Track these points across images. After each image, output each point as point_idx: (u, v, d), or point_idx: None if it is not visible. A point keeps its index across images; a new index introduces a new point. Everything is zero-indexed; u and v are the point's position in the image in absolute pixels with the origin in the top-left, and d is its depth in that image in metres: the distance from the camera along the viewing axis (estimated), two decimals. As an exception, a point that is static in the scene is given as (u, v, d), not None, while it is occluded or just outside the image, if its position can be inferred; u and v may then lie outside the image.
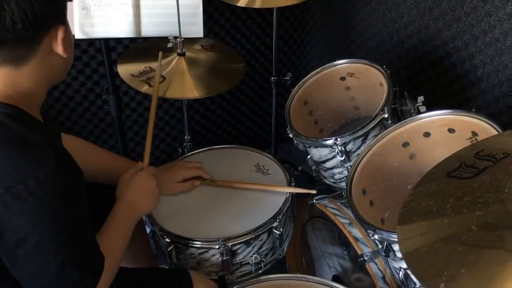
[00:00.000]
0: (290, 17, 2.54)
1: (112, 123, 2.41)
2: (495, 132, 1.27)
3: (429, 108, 1.52)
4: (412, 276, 1.26)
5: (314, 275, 1.89)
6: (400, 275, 1.28)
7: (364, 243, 1.46)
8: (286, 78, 2.12)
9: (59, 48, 1.10)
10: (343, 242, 1.78)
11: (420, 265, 0.88)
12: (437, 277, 0.83)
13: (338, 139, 1.50)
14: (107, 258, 1.17)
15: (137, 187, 1.40)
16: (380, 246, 1.23)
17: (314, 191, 1.56)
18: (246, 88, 2.59)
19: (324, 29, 2.50)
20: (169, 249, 1.48)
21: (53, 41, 1.10)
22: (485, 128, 1.29)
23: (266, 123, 2.77)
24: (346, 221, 1.52)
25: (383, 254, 1.25)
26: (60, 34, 1.10)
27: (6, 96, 1.08)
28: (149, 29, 1.82)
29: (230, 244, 1.45)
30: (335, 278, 1.76)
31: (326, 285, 1.33)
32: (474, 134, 1.33)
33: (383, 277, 1.42)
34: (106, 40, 1.94)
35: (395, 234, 1.20)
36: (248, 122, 2.74)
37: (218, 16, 2.35)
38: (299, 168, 2.55)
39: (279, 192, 1.57)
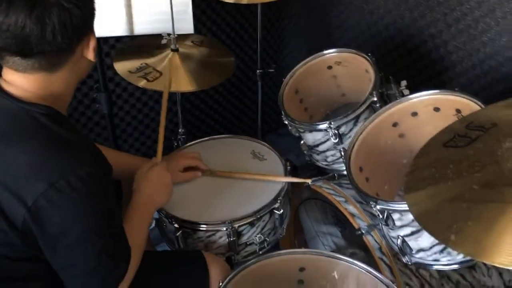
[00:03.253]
0: (267, 12, 2.63)
1: (99, 121, 2.46)
2: (478, 108, 1.40)
3: (412, 91, 1.66)
4: (409, 242, 1.38)
5: (308, 254, 2.01)
6: (397, 243, 1.40)
7: (360, 218, 1.57)
8: (270, 70, 2.21)
9: (90, 55, 1.18)
10: (336, 220, 1.89)
11: (430, 222, 0.99)
12: (447, 231, 0.94)
13: (332, 123, 1.61)
14: (132, 247, 1.24)
15: (153, 181, 1.47)
16: (381, 217, 1.34)
17: (309, 181, 1.67)
18: (234, 79, 2.68)
19: (302, 21, 2.61)
20: (177, 234, 1.55)
21: (85, 48, 1.16)
22: (469, 105, 1.42)
23: (252, 114, 2.86)
24: (342, 199, 1.62)
25: (383, 223, 1.36)
26: (92, 43, 1.17)
27: (42, 98, 1.14)
28: (141, 27, 1.88)
29: (236, 225, 1.53)
30: (331, 255, 1.88)
31: (337, 259, 1.41)
32: (458, 111, 1.45)
33: (380, 248, 1.53)
34: (99, 43, 1.99)
35: (395, 204, 1.31)
36: (237, 113, 2.83)
37: (200, 12, 2.42)
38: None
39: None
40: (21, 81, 1.13)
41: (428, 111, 1.51)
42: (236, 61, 2.22)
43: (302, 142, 1.80)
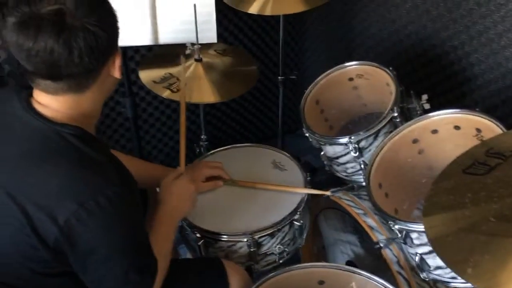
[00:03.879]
0: (289, 17, 2.64)
1: (123, 123, 2.52)
2: (498, 129, 1.41)
3: (431, 104, 1.67)
4: (427, 260, 1.41)
5: (327, 261, 2.04)
6: (416, 259, 1.42)
7: (378, 231, 1.59)
8: (292, 77, 2.24)
9: (116, 73, 1.21)
10: (355, 229, 1.92)
11: (447, 253, 1.01)
12: (464, 263, 0.96)
13: (352, 137, 1.63)
14: (158, 259, 1.28)
15: (178, 192, 1.51)
16: (399, 235, 1.37)
17: (328, 193, 1.70)
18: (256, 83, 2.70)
19: (324, 27, 2.62)
20: (199, 243, 1.59)
21: (111, 67, 1.20)
22: (488, 125, 1.44)
23: (272, 115, 2.89)
24: (361, 211, 1.65)
25: (402, 241, 1.39)
26: (117, 61, 1.20)
27: (71, 118, 1.18)
28: (166, 36, 1.92)
29: (256, 236, 1.56)
30: (349, 264, 1.91)
31: (356, 273, 1.44)
32: (478, 130, 1.47)
33: (398, 261, 1.56)
34: (124, 49, 2.03)
35: (413, 224, 1.34)
36: (258, 114, 2.87)
37: (222, 18, 2.45)
38: (302, 160, 2.70)
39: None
40: (52, 103, 1.17)
41: (449, 129, 1.53)
42: (257, 64, 2.24)
43: (322, 153, 1.82)
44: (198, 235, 1.59)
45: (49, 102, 1.18)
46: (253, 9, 1.91)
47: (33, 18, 1.06)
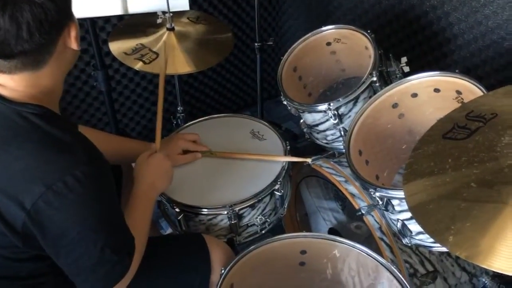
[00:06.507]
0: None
1: (97, 96, 2.45)
2: (478, 90, 1.38)
3: (410, 65, 1.63)
4: (409, 226, 1.39)
5: (309, 229, 2.04)
6: (397, 225, 1.41)
7: (360, 198, 1.58)
8: (269, 43, 2.18)
9: (73, 44, 1.15)
10: (337, 196, 1.91)
11: (429, 221, 0.99)
12: (445, 232, 0.95)
13: (331, 104, 1.60)
14: (135, 237, 1.25)
15: (154, 169, 1.48)
16: (380, 202, 1.35)
17: (309, 160, 1.67)
18: (233, 49, 2.64)
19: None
20: (179, 218, 1.57)
21: (67, 39, 1.13)
22: (468, 87, 1.40)
23: (251, 82, 2.84)
24: (342, 179, 1.63)
25: (383, 208, 1.37)
26: (73, 32, 1.13)
27: (32, 97, 1.12)
28: (136, 5, 1.84)
29: (237, 208, 1.54)
30: (332, 231, 1.91)
31: (338, 242, 1.44)
32: (458, 92, 1.44)
33: (380, 228, 1.55)
34: (92, 19, 1.95)
35: (394, 191, 1.32)
36: (236, 81, 2.81)
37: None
38: (283, 126, 2.66)
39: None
40: (8, 82, 1.11)
41: (428, 92, 1.50)
42: (234, 30, 2.14)
43: (301, 121, 1.79)
44: (177, 209, 1.56)
45: (5, 82, 1.11)
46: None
47: None
